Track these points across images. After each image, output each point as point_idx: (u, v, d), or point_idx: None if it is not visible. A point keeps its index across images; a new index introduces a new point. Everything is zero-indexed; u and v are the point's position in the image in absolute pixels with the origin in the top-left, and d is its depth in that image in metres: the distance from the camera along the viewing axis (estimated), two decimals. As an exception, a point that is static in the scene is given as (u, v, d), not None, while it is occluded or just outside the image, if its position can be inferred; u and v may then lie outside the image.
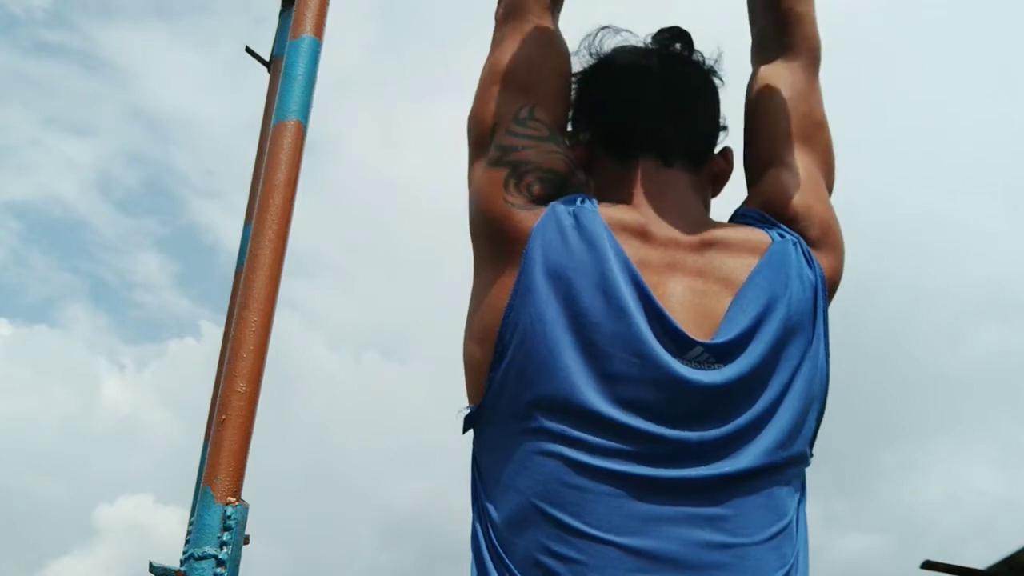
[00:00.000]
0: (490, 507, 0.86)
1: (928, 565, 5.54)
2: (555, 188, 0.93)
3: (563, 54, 1.04)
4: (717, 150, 1.06)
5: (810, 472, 0.93)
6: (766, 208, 1.00)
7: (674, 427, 0.83)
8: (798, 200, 0.99)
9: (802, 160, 1.02)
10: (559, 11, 1.06)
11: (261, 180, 1.11)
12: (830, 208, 1.02)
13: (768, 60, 1.09)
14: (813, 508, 0.92)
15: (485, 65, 1.03)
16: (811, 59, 1.08)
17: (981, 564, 5.60)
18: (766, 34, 1.11)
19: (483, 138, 0.97)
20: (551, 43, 1.02)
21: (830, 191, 1.05)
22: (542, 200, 0.91)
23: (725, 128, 1.07)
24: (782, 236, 0.95)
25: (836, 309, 0.99)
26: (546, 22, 1.03)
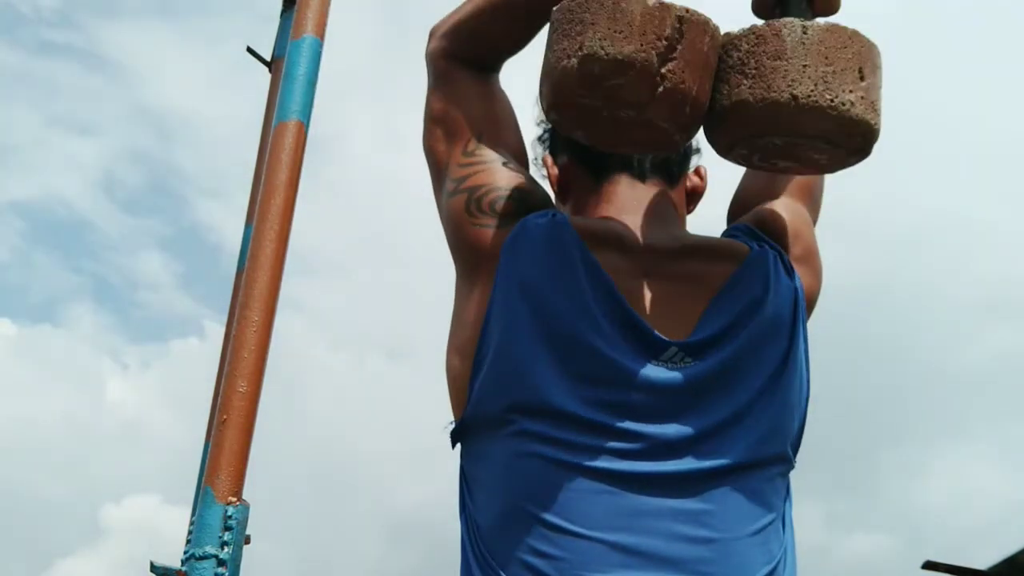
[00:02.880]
0: (477, 514, 0.87)
1: (929, 565, 5.52)
2: (518, 202, 0.94)
3: (502, 96, 1.03)
4: (691, 169, 1.09)
5: (814, 472, 0.93)
6: (756, 224, 1.01)
7: (654, 423, 0.84)
8: (786, 220, 1.01)
9: (794, 195, 1.05)
10: (496, 74, 1.05)
11: (262, 180, 1.11)
12: (814, 238, 1.04)
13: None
14: (817, 508, 0.93)
15: (425, 110, 1.03)
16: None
17: (987, 565, 5.58)
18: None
19: (439, 173, 1.00)
20: (488, 87, 1.02)
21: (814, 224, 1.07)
22: (510, 215, 0.93)
23: (698, 150, 1.09)
24: (761, 246, 0.96)
25: (842, 308, 0.99)
26: (480, 80, 1.02)
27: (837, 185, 1.10)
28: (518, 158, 1.01)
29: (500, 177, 0.95)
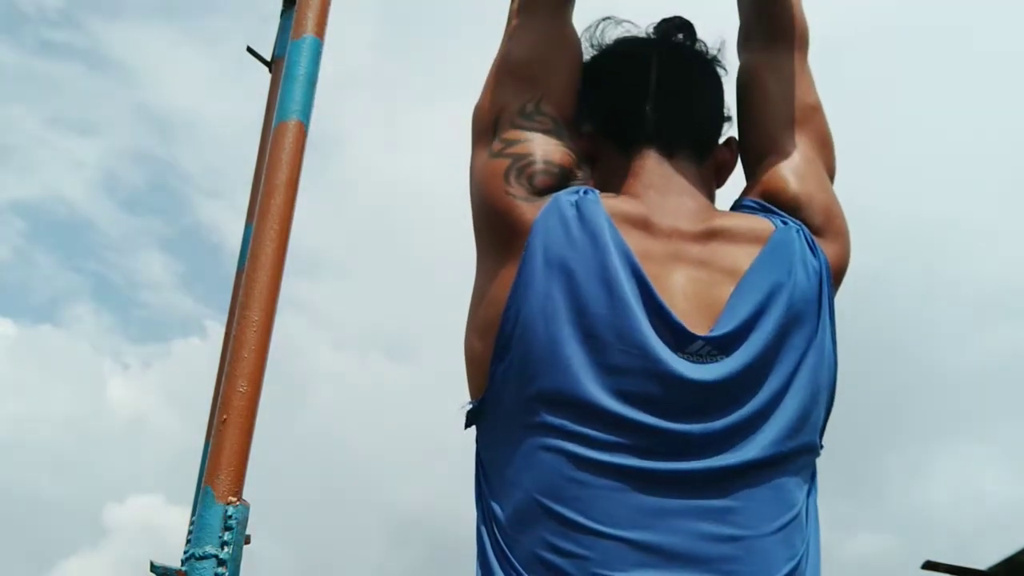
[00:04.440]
0: (494, 506, 0.85)
1: (929, 565, 5.52)
2: (557, 180, 0.92)
3: (575, 49, 1.03)
4: (721, 140, 1.05)
5: (819, 472, 0.92)
6: (766, 197, 0.99)
7: (677, 420, 0.82)
8: (798, 188, 0.98)
9: (799, 146, 1.01)
10: (572, 5, 1.05)
11: (262, 180, 1.11)
12: (832, 195, 1.01)
13: (754, 49, 1.07)
14: (819, 509, 0.91)
15: (496, 57, 1.02)
16: (799, 43, 1.06)
17: (987, 565, 5.57)
18: (751, 22, 1.09)
19: (487, 130, 0.96)
20: (562, 37, 1.01)
21: (831, 175, 1.03)
22: (544, 192, 0.91)
23: (729, 119, 1.06)
24: (785, 224, 0.93)
25: (845, 308, 0.98)
26: (559, 16, 1.02)
27: (839, 186, 1.08)
28: (571, 121, 0.98)
29: (549, 151, 0.93)
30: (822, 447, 0.91)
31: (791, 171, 0.99)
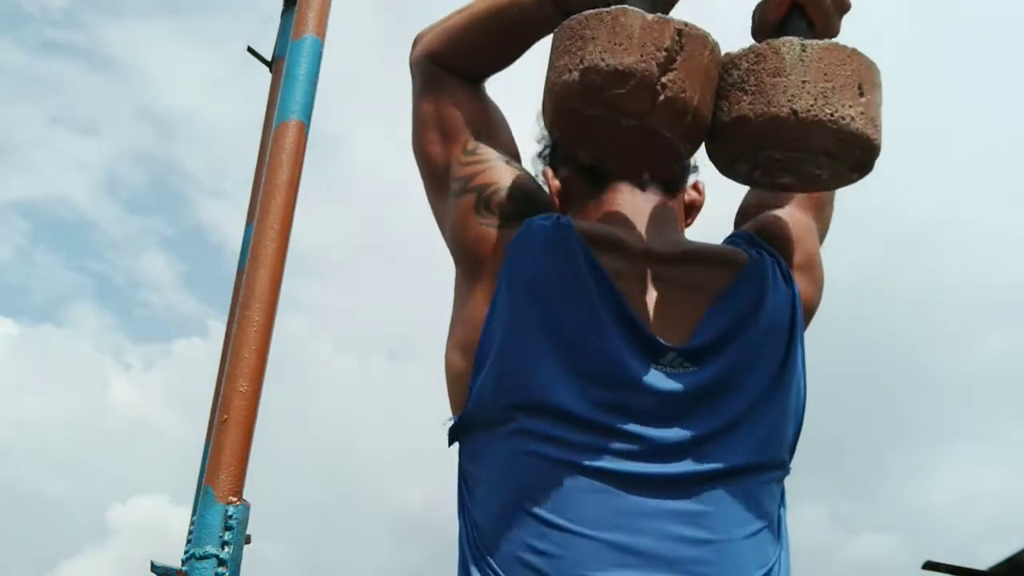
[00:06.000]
0: (475, 513, 0.88)
1: (929, 566, 5.52)
2: (525, 202, 0.94)
3: (491, 100, 1.04)
4: (690, 183, 1.09)
5: (820, 473, 0.94)
6: (758, 231, 1.02)
7: (653, 426, 0.84)
8: (788, 227, 1.02)
9: (800, 215, 1.04)
10: (483, 84, 1.05)
11: (263, 180, 1.11)
12: (818, 250, 1.04)
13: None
14: (822, 509, 0.93)
15: (415, 115, 1.04)
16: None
17: (988, 566, 5.57)
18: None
19: (437, 178, 1.00)
20: (477, 90, 1.03)
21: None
22: (515, 216, 0.93)
23: (696, 168, 1.10)
24: (759, 253, 0.96)
25: (849, 310, 0.99)
26: (468, 85, 1.03)
27: (842, 188, 1.09)
28: (515, 157, 1.01)
29: (506, 176, 0.95)
30: (790, 469, 0.93)
31: (786, 215, 1.03)
